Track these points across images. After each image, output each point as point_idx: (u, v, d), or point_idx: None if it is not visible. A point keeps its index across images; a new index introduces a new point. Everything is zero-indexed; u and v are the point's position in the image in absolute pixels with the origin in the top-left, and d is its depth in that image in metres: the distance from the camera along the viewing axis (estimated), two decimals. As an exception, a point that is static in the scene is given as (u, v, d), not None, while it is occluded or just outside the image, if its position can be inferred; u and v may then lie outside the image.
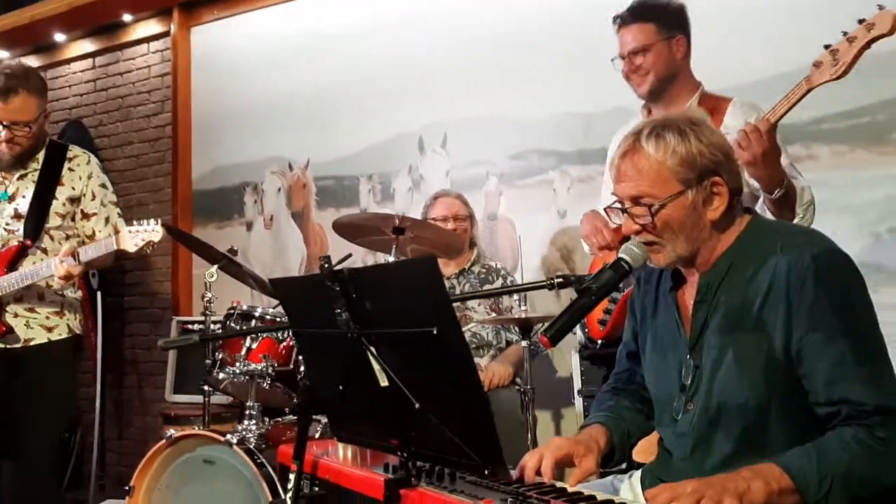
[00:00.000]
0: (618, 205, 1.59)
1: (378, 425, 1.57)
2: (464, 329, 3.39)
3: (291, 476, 1.72)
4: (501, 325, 3.38)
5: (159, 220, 2.85)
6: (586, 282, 1.64)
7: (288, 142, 4.54)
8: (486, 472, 1.35)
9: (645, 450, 1.78)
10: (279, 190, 4.58)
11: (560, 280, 1.76)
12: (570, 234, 3.67)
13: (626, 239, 1.62)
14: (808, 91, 2.01)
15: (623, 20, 2.50)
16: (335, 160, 4.37)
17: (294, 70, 4.50)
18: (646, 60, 2.46)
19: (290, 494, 1.69)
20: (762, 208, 2.35)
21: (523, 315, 3.00)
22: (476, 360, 3.39)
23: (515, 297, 3.38)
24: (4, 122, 2.85)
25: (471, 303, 3.42)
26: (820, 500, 1.34)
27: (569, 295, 2.59)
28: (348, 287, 1.45)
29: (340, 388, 1.59)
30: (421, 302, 1.35)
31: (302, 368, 2.82)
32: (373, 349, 1.44)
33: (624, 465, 1.73)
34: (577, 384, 3.15)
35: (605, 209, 1.63)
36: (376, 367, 1.45)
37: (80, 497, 4.43)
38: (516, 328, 3.14)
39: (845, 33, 1.92)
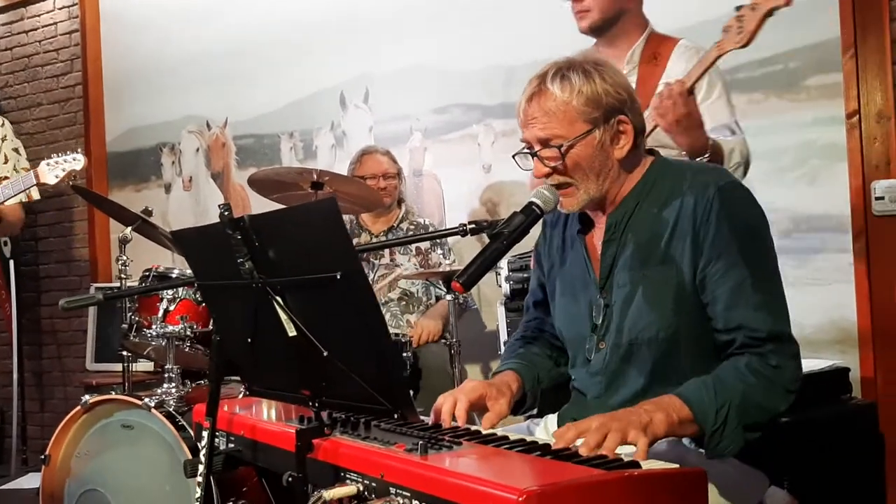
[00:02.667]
0: (527, 150, 1.58)
1: (289, 376, 1.54)
2: (394, 287, 3.39)
3: (205, 433, 1.68)
4: (430, 281, 3.38)
5: (79, 149, 2.76)
6: (498, 227, 1.63)
7: (205, 100, 4.38)
8: (396, 415, 1.34)
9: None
10: (197, 150, 4.44)
11: (472, 226, 1.75)
12: (496, 188, 3.65)
13: None
14: (720, 56, 2.05)
15: None
16: (255, 118, 4.25)
17: (208, 25, 4.33)
18: None
19: (203, 451, 1.65)
20: None
21: (448, 269, 3.00)
22: (406, 316, 3.38)
23: (440, 251, 3.38)
24: None
25: (400, 260, 3.40)
26: (717, 430, 1.37)
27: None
28: (249, 235, 1.40)
29: (249, 340, 1.55)
30: (323, 246, 1.32)
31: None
32: (278, 298, 1.40)
33: (535, 411, 1.75)
34: (504, 336, 3.16)
35: (513, 156, 1.62)
36: (283, 316, 1.41)
37: (2, 472, 4.31)
38: (444, 283, 3.14)
39: None
